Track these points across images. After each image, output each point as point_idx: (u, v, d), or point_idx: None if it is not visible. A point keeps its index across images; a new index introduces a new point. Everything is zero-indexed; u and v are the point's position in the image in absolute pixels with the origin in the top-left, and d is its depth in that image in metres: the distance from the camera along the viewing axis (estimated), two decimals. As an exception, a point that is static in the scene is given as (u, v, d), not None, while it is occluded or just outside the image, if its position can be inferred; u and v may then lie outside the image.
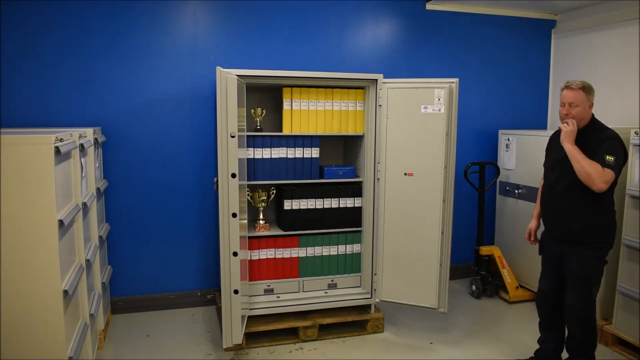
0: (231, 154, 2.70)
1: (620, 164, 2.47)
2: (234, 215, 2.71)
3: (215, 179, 3.00)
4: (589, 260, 2.58)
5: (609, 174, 2.41)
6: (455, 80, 3.22)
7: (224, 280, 2.81)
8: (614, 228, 2.64)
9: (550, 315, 2.82)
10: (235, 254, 2.74)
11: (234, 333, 2.79)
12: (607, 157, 2.43)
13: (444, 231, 3.27)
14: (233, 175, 2.70)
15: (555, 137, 2.80)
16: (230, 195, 2.72)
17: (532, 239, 2.98)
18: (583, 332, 2.65)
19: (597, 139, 2.53)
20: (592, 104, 2.60)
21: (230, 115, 2.66)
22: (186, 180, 3.67)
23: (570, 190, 2.57)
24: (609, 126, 3.18)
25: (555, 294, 2.76)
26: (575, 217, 2.58)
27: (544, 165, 2.85)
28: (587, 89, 2.57)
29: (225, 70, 2.70)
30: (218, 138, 2.76)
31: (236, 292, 2.77)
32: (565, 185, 2.58)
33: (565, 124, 2.55)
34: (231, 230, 2.73)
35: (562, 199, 2.62)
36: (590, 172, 2.40)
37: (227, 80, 2.65)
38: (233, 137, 2.67)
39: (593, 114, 2.62)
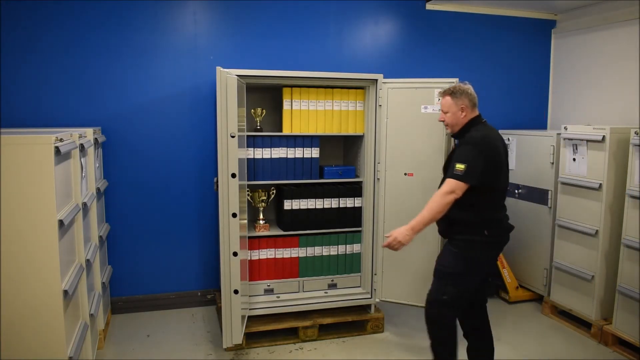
0: (231, 154, 2.70)
1: (474, 168, 2.36)
2: (234, 215, 2.71)
3: (215, 179, 3.00)
4: (447, 255, 2.52)
5: (451, 184, 2.36)
6: (455, 80, 3.21)
7: (224, 280, 2.81)
8: (482, 228, 2.45)
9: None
10: (235, 254, 2.74)
11: (234, 333, 2.79)
12: (457, 166, 2.38)
13: (444, 231, 3.26)
14: (233, 175, 2.70)
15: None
16: (230, 195, 2.72)
17: None
18: (428, 331, 2.54)
19: (459, 145, 2.51)
20: (465, 106, 2.52)
21: (230, 115, 2.66)
22: (186, 180, 3.67)
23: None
24: (607, 126, 3.20)
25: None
26: (445, 215, 2.51)
27: None
28: (455, 93, 2.53)
29: (225, 70, 2.70)
30: (218, 138, 2.76)
31: (236, 292, 2.77)
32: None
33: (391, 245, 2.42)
34: (231, 230, 2.73)
35: None
36: (437, 207, 2.37)
37: (227, 80, 2.66)
38: (233, 137, 2.67)
39: (477, 117, 2.56)
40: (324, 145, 3.60)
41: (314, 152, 3.33)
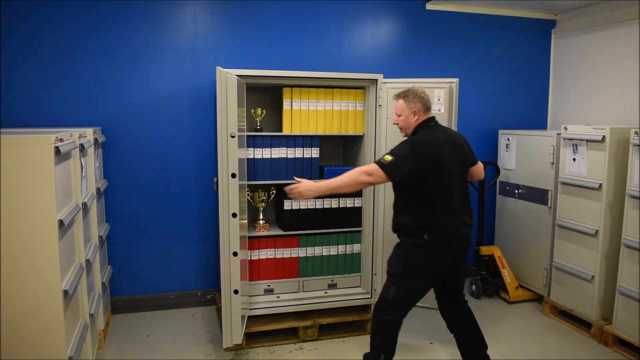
0: (231, 154, 2.70)
1: (399, 165, 2.38)
2: (234, 215, 2.71)
3: (215, 179, 3.00)
4: (393, 256, 2.56)
5: (372, 167, 2.40)
6: (455, 80, 3.22)
7: (224, 280, 2.81)
8: (422, 232, 2.45)
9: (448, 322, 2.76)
10: (235, 254, 2.73)
11: (234, 333, 2.79)
12: (385, 156, 2.41)
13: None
14: (233, 175, 2.70)
15: None
16: (230, 195, 2.71)
17: None
18: (371, 324, 2.62)
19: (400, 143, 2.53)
20: (417, 110, 2.53)
21: (230, 115, 2.66)
22: (186, 180, 3.67)
23: (394, 190, 2.59)
24: (607, 126, 3.20)
25: (439, 296, 2.74)
26: (394, 214, 2.60)
27: None
28: (408, 97, 2.55)
29: (225, 70, 2.70)
30: (218, 138, 2.76)
31: (236, 292, 2.77)
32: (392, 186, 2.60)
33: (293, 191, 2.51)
34: (231, 230, 2.73)
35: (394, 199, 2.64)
36: (348, 180, 2.41)
37: (227, 80, 2.65)
38: (233, 137, 2.67)
39: (428, 120, 2.56)
40: (324, 145, 3.60)
41: (314, 152, 3.33)
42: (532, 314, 3.72)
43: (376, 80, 3.22)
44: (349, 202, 3.40)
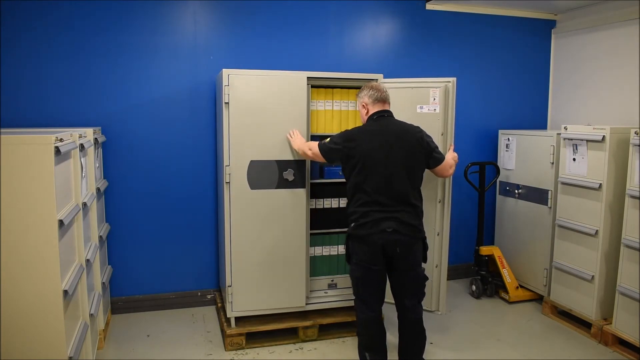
0: None
1: (333, 146, 2.63)
2: None
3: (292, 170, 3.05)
4: None
5: (316, 146, 2.73)
6: (452, 79, 3.22)
7: None
8: (352, 218, 2.55)
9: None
10: None
11: None
12: (327, 140, 2.71)
13: (439, 232, 3.26)
14: None
15: None
16: None
17: None
18: None
19: None
20: (365, 104, 2.67)
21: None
22: (186, 180, 3.67)
23: None
24: (607, 126, 3.21)
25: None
26: None
27: None
28: (359, 93, 2.73)
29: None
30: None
31: None
32: None
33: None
34: None
35: None
36: (301, 147, 2.87)
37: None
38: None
39: (375, 112, 2.64)
40: (324, 145, 3.60)
41: (314, 152, 3.33)
42: (532, 314, 3.72)
43: (376, 80, 3.21)
44: (349, 202, 3.40)
